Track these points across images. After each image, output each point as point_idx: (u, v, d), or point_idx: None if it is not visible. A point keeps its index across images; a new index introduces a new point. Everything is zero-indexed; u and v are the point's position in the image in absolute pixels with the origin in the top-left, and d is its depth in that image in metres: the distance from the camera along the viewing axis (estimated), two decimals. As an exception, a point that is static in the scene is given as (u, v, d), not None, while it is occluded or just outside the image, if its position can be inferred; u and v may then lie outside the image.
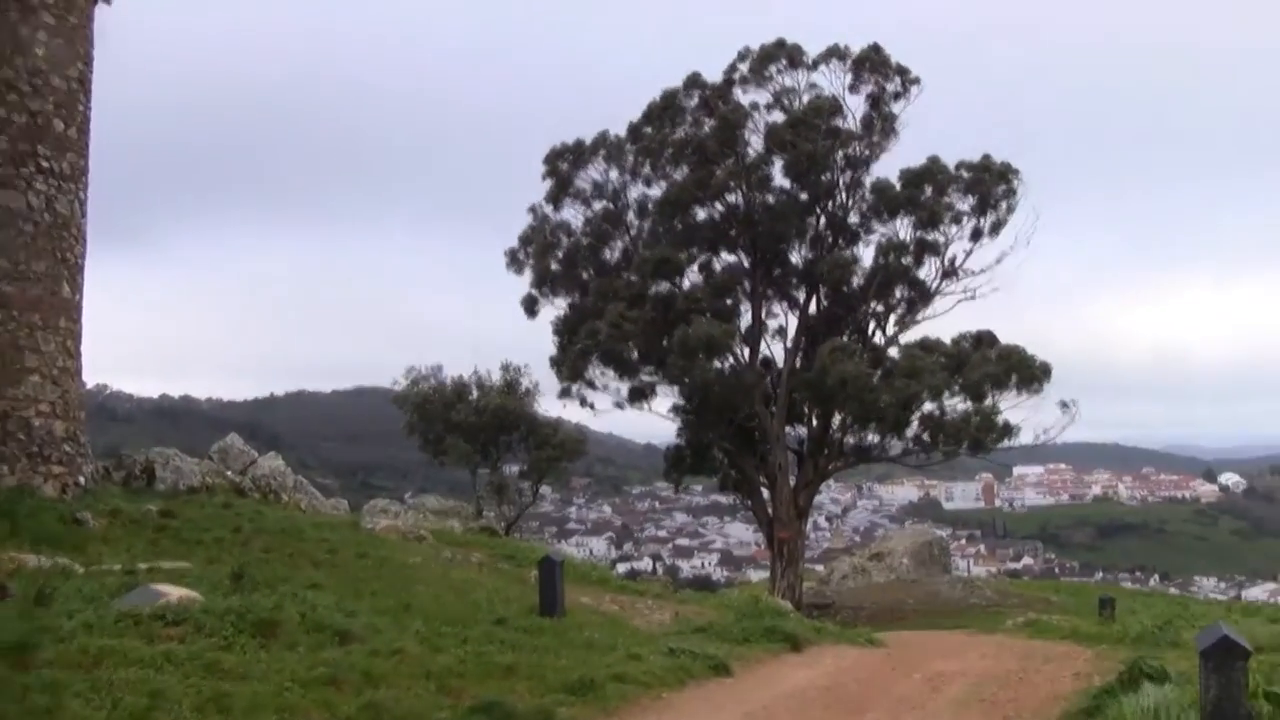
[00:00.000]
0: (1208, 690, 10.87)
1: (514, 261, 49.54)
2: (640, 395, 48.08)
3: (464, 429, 50.83)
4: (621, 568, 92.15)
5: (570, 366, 46.90)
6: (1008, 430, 44.70)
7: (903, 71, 46.60)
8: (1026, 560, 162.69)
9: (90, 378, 24.82)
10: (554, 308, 49.10)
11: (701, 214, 47.59)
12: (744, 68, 47.18)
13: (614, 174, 48.91)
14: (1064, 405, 44.97)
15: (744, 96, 47.27)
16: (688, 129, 47.19)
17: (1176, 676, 14.45)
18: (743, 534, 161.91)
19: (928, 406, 44.96)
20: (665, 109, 47.33)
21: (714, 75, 47.50)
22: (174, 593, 13.76)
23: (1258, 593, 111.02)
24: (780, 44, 46.82)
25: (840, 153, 46.10)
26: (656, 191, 47.98)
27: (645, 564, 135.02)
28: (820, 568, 67.16)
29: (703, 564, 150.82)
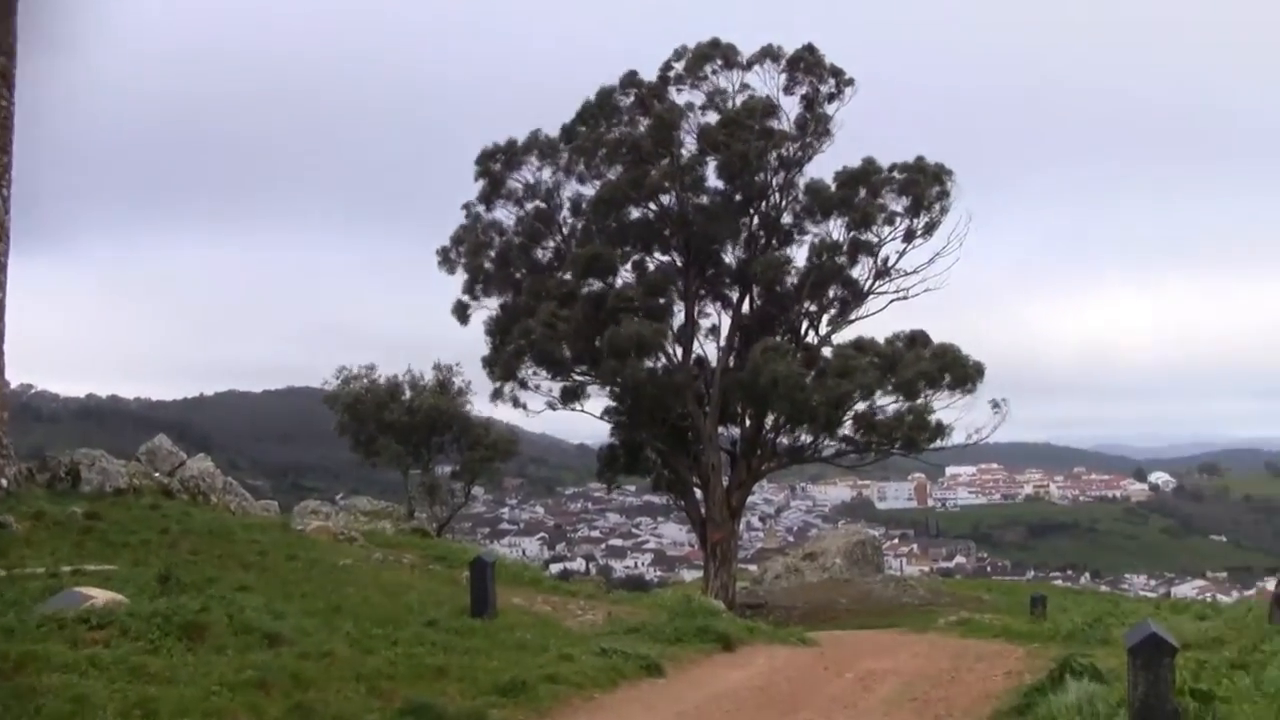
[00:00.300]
0: (1136, 687, 10.95)
1: (446, 260, 49.21)
2: (573, 395, 47.91)
3: (396, 429, 50.68)
4: (554, 568, 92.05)
5: (503, 366, 46.66)
6: (940, 430, 44.88)
7: (837, 73, 46.63)
8: (959, 559, 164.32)
9: (14, 377, 24.49)
10: (486, 308, 48.86)
11: (635, 213, 47.39)
12: (679, 67, 47.15)
13: (546, 173, 48.69)
14: (995, 405, 45.23)
15: (679, 96, 47.28)
16: (623, 128, 47.08)
17: (1106, 673, 14.58)
18: (676, 534, 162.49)
19: (860, 406, 45.08)
20: (600, 107, 47.17)
21: (650, 74, 47.51)
22: (99, 596, 13.57)
23: (1186, 590, 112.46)
24: (715, 43, 46.80)
25: (774, 153, 46.06)
26: (590, 191, 47.81)
27: (578, 564, 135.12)
28: (753, 567, 67.44)
29: (636, 564, 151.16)
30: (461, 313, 48.72)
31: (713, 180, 47.06)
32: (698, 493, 48.01)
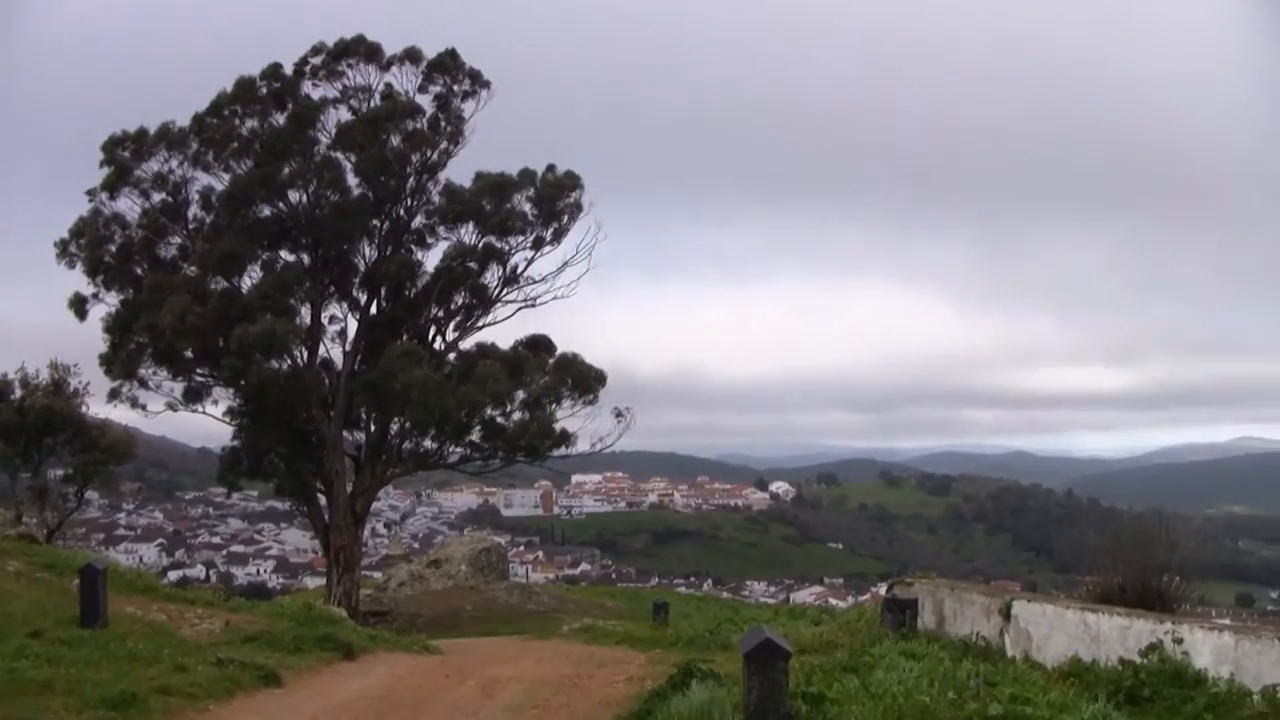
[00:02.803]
0: (751, 691, 11.37)
1: (65, 254, 46.94)
2: (195, 396, 46.68)
3: (4, 430, 48.25)
4: (172, 575, 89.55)
5: (122, 365, 45.00)
6: (565, 437, 45.68)
7: (474, 75, 46.68)
8: (584, 566, 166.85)
9: None
10: (106, 304, 46.95)
11: (266, 210, 46.37)
12: (317, 61, 46.28)
13: (175, 164, 47.05)
14: (618, 413, 46.35)
15: (316, 91, 46.39)
16: (256, 122, 45.97)
17: (725, 678, 15.08)
18: (300, 540, 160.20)
19: (489, 412, 45.35)
20: (236, 99, 45.80)
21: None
22: None
23: (805, 596, 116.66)
24: (360, 40, 45.97)
25: (415, 155, 45.81)
26: (221, 185, 46.46)
27: (198, 571, 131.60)
28: (378, 575, 66.88)
29: (258, 571, 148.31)
30: (79, 307, 46.61)
31: (347, 179, 46.37)
32: (321, 498, 47.44)
